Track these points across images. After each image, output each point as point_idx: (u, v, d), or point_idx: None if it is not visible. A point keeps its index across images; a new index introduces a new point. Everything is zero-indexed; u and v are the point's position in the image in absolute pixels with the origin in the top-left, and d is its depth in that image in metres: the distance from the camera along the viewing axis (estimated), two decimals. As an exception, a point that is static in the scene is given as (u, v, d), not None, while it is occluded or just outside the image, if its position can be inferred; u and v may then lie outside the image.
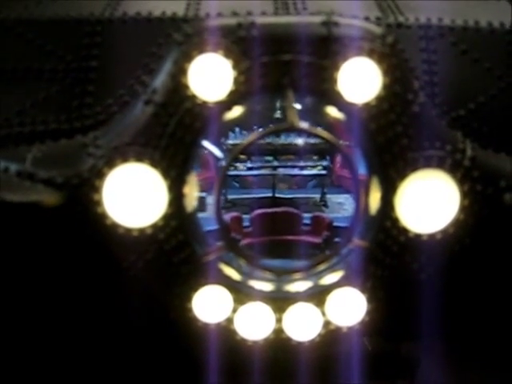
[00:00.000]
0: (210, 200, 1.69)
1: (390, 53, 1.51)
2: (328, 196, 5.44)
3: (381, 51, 1.49)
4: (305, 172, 6.10)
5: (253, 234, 4.00)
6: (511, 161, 1.68)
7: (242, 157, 5.01)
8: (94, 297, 1.80)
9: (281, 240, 3.80)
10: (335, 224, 4.00)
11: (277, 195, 5.16)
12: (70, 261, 1.70)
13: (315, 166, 5.44)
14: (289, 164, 6.22)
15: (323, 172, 5.55)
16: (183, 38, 1.51)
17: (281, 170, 5.97)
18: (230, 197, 5.07)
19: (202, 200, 1.89)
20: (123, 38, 1.77)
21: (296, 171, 6.19)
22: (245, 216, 4.49)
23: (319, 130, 1.53)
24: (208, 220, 1.86)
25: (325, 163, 5.32)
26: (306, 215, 4.60)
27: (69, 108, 1.73)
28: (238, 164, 5.17)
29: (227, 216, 4.26)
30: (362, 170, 1.68)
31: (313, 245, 3.92)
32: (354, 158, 1.56)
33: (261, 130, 1.65)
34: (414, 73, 1.63)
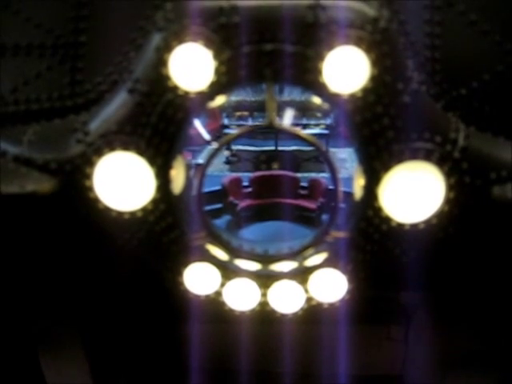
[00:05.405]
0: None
1: (382, 40, 1.41)
2: (331, 150, 5.31)
3: (370, 39, 1.40)
4: (307, 131, 5.86)
5: (251, 196, 4.08)
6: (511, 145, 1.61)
7: (244, 113, 4.88)
8: (95, 272, 1.95)
9: (278, 203, 3.86)
10: (331, 188, 3.99)
11: (280, 148, 5.10)
12: (69, 242, 1.82)
13: (318, 124, 5.22)
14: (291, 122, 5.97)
15: (325, 131, 5.30)
16: (164, 23, 1.45)
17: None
18: (235, 147, 5.06)
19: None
20: (111, 11, 1.71)
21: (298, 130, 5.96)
22: (246, 174, 4.56)
23: (299, 131, 1.49)
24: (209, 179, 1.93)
25: (328, 121, 5.09)
26: (304, 175, 4.60)
27: (60, 86, 1.73)
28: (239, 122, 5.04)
29: (226, 179, 4.33)
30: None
31: (308, 209, 3.98)
32: (335, 163, 1.53)
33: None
34: (410, 54, 1.52)
